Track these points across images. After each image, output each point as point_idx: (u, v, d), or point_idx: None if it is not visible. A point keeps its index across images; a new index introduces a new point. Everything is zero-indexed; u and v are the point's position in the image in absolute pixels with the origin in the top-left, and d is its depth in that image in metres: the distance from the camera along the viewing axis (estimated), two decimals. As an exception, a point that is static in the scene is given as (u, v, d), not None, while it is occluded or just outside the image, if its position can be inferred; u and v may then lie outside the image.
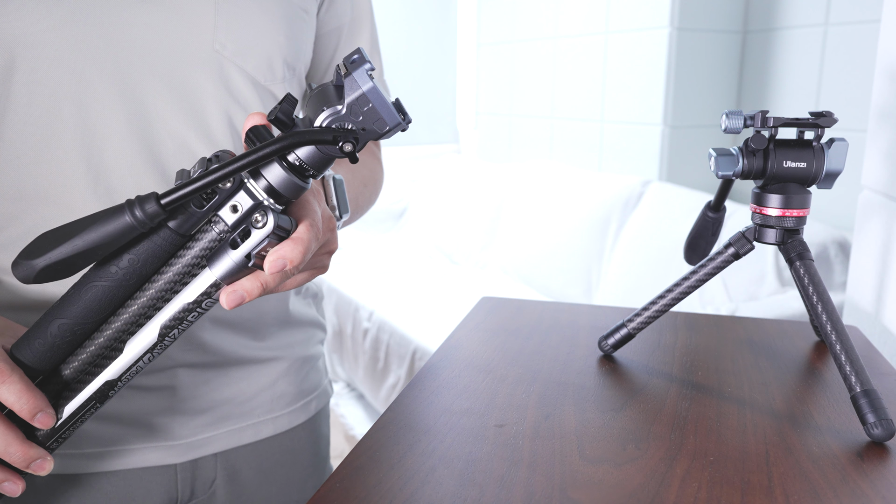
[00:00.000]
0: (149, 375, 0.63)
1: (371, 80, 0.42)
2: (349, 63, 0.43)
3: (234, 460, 0.70)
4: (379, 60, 0.80)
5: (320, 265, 0.53)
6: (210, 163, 0.45)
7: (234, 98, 0.62)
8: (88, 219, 0.42)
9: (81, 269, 0.42)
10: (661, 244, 2.16)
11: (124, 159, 0.58)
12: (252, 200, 0.44)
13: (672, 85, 2.35)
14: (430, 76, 3.53)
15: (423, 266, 2.85)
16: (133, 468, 0.64)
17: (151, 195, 0.41)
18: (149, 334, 0.46)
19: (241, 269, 0.45)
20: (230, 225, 0.44)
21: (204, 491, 0.68)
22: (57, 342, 0.45)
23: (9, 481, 0.46)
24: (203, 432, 0.67)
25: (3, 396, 0.44)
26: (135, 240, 0.44)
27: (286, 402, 0.73)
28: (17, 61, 0.55)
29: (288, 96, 0.44)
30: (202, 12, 0.59)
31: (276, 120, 0.43)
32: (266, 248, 0.45)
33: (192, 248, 0.45)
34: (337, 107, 0.43)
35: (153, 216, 0.41)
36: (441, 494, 0.46)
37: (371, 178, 0.78)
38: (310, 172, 0.45)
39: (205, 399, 0.66)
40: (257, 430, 0.70)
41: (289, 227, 0.45)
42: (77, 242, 0.41)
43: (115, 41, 0.57)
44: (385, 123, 0.44)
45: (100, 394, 0.47)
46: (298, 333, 0.74)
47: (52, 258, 0.41)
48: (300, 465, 0.75)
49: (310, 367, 0.76)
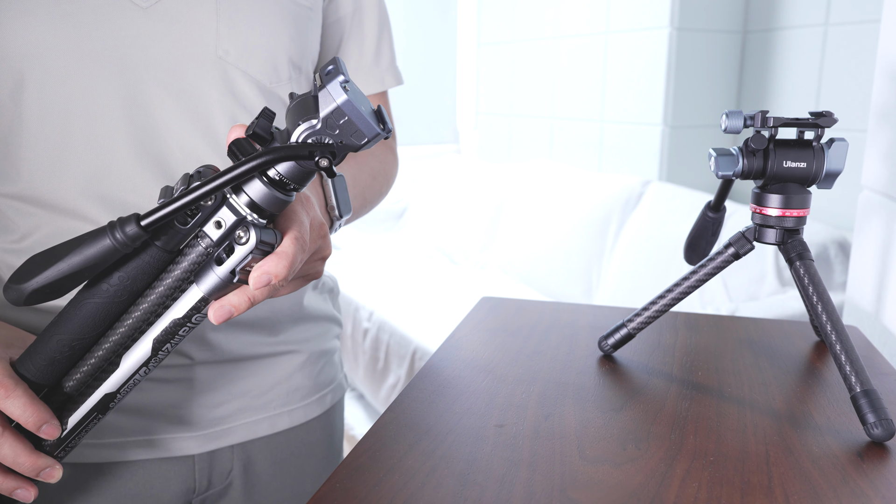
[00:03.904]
0: (167, 368, 0.64)
1: (345, 93, 0.41)
2: (324, 75, 0.42)
3: (251, 452, 0.71)
4: (389, 49, 0.79)
5: (313, 272, 0.53)
6: (192, 179, 0.45)
7: (240, 103, 0.62)
8: (73, 242, 0.42)
9: (70, 291, 0.43)
10: (661, 244, 2.16)
11: (133, 170, 0.59)
12: (235, 216, 0.44)
13: (672, 85, 2.35)
14: (430, 76, 3.53)
15: (423, 266, 2.85)
16: (153, 458, 0.66)
17: (132, 217, 0.42)
18: (143, 349, 0.47)
19: (226, 284, 0.45)
20: (215, 241, 0.44)
21: (221, 481, 0.70)
22: (56, 357, 0.46)
23: (21, 489, 0.48)
24: (221, 424, 0.68)
25: (9, 410, 0.46)
26: (124, 257, 0.44)
27: (302, 395, 0.74)
28: (26, 78, 0.56)
29: (265, 110, 0.44)
30: (204, 19, 0.59)
31: (253, 135, 0.43)
32: (251, 264, 0.45)
33: (180, 264, 0.45)
34: (312, 121, 0.42)
35: (134, 238, 0.42)
36: (441, 494, 0.46)
37: (381, 170, 0.78)
38: (291, 186, 0.45)
39: (222, 391, 0.67)
40: (273, 422, 0.72)
41: (273, 241, 0.45)
42: (61, 266, 0.42)
43: (120, 54, 0.57)
44: (363, 135, 0.43)
45: (101, 406, 0.48)
46: (314, 328, 0.75)
47: (40, 282, 0.42)
48: (314, 458, 0.76)
49: (325, 360, 0.77)
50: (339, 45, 0.75)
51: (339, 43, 0.75)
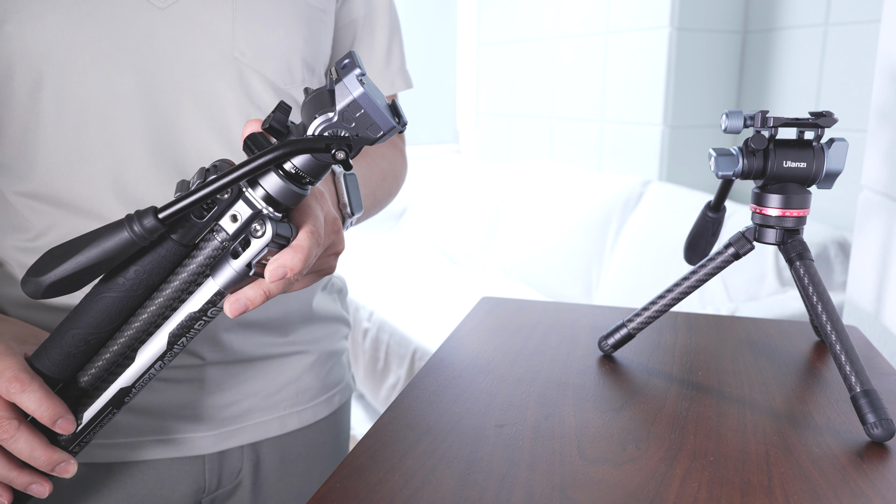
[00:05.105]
0: (178, 369, 0.64)
1: (361, 86, 0.42)
2: (340, 68, 0.43)
3: (260, 451, 0.71)
4: (400, 52, 0.79)
5: (326, 267, 0.53)
6: (208, 173, 0.45)
7: (255, 104, 0.62)
8: (91, 235, 0.43)
9: (88, 284, 0.43)
10: (661, 244, 2.16)
11: (150, 170, 0.59)
12: (251, 210, 0.44)
13: (672, 85, 2.35)
14: (430, 76, 3.53)
15: (423, 266, 2.85)
16: (163, 458, 0.66)
17: (150, 209, 0.42)
18: (158, 343, 0.47)
19: (242, 278, 0.45)
20: (231, 234, 0.44)
21: (230, 481, 0.70)
22: (72, 351, 0.46)
23: (36, 483, 0.49)
24: (231, 424, 0.68)
25: (25, 404, 0.46)
26: (141, 251, 0.44)
27: (310, 395, 0.74)
28: (44, 77, 0.56)
29: (281, 104, 0.44)
30: (220, 20, 0.60)
31: (270, 128, 0.43)
32: (266, 257, 0.45)
33: (196, 258, 0.45)
34: (329, 114, 0.43)
35: (152, 230, 0.42)
36: (441, 494, 0.46)
37: (391, 171, 0.78)
38: (307, 180, 0.45)
39: (233, 391, 0.68)
40: (283, 422, 0.72)
41: (289, 235, 0.45)
42: (80, 259, 0.42)
43: (137, 53, 0.57)
44: (379, 128, 0.43)
45: (116, 400, 0.48)
46: (323, 328, 0.75)
47: (58, 275, 0.42)
48: (321, 458, 0.77)
49: (334, 361, 0.78)
50: (351, 47, 0.75)
51: (351, 45, 0.75)
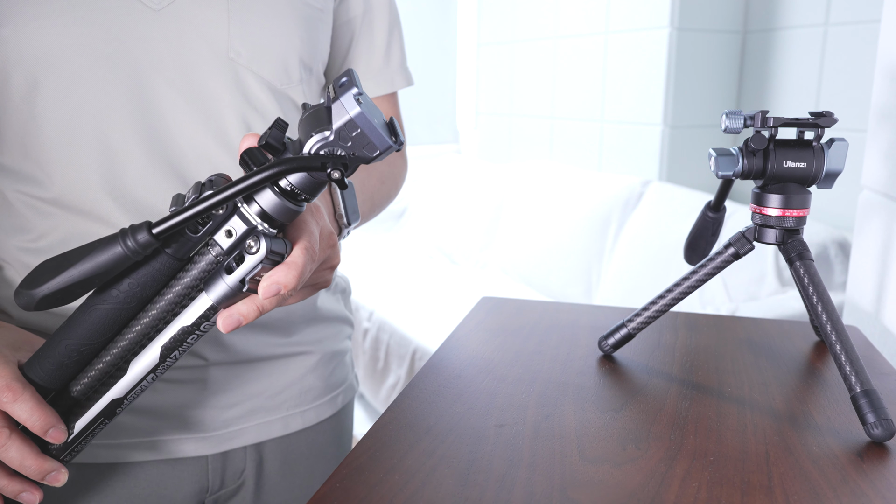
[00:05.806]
0: (181, 370, 0.64)
1: (358, 105, 0.41)
2: (337, 86, 0.42)
3: (263, 452, 0.71)
4: (400, 50, 0.79)
5: (322, 281, 0.53)
6: (204, 188, 0.45)
7: (252, 104, 0.62)
8: (84, 248, 0.43)
9: (80, 297, 0.43)
10: (661, 244, 2.16)
11: (147, 172, 0.59)
12: (246, 225, 0.44)
13: (672, 85, 2.35)
14: (430, 76, 3.53)
15: (423, 266, 2.85)
16: (166, 459, 0.66)
17: (144, 224, 0.42)
18: (151, 355, 0.47)
19: (235, 293, 0.45)
20: (225, 249, 0.44)
21: (233, 481, 0.70)
22: (64, 361, 0.46)
23: (27, 492, 0.49)
24: (234, 425, 0.68)
25: (17, 413, 0.46)
26: (135, 264, 0.44)
27: (314, 396, 0.74)
28: (39, 82, 0.56)
29: (278, 121, 0.44)
30: (216, 21, 0.59)
31: (266, 145, 0.43)
32: (260, 273, 0.45)
33: (190, 272, 0.45)
34: (325, 132, 0.42)
35: (145, 246, 0.42)
36: (441, 494, 0.46)
37: (390, 174, 0.78)
38: (302, 197, 0.45)
39: (236, 392, 0.68)
40: (286, 423, 0.72)
41: (283, 251, 0.45)
42: (73, 273, 0.42)
43: (133, 56, 0.57)
44: (375, 148, 0.43)
45: (107, 411, 0.48)
46: (327, 329, 0.75)
47: (51, 288, 0.42)
48: (324, 459, 0.77)
49: (337, 361, 0.77)
50: (350, 46, 0.74)
51: (350, 44, 0.74)
